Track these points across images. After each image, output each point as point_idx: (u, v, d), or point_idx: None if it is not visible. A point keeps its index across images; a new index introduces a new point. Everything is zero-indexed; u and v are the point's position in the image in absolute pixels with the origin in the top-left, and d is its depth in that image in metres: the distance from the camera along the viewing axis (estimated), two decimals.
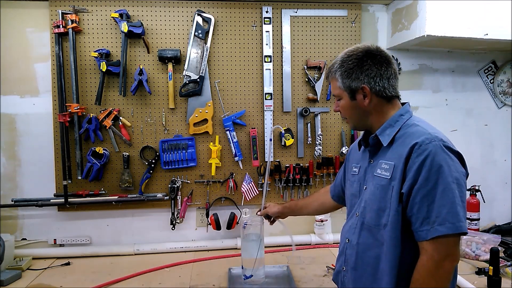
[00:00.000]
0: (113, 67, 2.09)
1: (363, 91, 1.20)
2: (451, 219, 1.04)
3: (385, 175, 1.17)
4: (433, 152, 1.07)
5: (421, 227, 1.07)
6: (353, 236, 1.26)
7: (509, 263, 1.93)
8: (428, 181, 1.06)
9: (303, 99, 2.30)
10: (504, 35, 2.02)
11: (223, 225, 2.24)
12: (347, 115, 1.27)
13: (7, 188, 2.17)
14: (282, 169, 2.29)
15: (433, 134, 1.10)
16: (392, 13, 2.31)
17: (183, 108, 2.22)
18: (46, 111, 2.15)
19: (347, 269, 1.29)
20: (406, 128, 1.18)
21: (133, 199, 2.18)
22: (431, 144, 1.08)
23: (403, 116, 1.21)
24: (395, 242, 1.12)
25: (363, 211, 1.24)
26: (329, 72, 1.28)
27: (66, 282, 1.86)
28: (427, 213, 1.06)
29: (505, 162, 2.57)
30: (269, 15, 2.22)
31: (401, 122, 1.20)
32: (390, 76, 1.20)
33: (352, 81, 1.20)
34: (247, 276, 1.78)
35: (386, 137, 1.20)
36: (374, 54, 1.19)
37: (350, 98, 1.23)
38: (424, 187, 1.07)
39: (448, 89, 2.48)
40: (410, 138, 1.13)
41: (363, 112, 1.23)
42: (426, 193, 1.06)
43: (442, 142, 1.08)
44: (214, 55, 2.22)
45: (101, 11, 2.13)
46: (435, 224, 1.05)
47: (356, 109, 1.24)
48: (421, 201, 1.07)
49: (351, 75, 1.20)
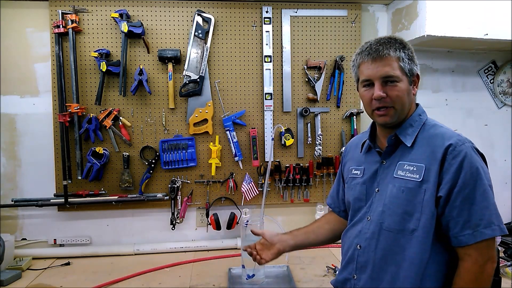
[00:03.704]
0: (113, 67, 2.09)
1: (418, 79, 1.17)
2: (496, 221, 1.04)
3: (413, 177, 1.10)
4: (468, 154, 1.06)
5: (462, 231, 1.04)
6: (367, 242, 1.17)
7: (509, 263, 1.93)
8: (468, 184, 1.04)
9: (303, 99, 2.30)
10: (504, 35, 2.03)
11: (223, 225, 2.24)
12: (401, 102, 1.13)
13: (7, 188, 2.17)
14: (282, 169, 2.29)
15: (462, 136, 1.10)
16: (392, 13, 2.31)
17: (183, 108, 2.22)
18: (46, 111, 2.15)
19: (359, 278, 1.19)
20: (428, 128, 1.16)
21: (133, 199, 2.18)
22: (465, 146, 1.06)
23: (421, 116, 1.19)
24: (425, 248, 1.07)
25: (382, 215, 1.15)
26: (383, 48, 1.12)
27: (66, 282, 1.86)
28: (468, 217, 1.03)
29: (505, 162, 2.57)
30: (269, 15, 2.22)
31: (420, 122, 1.17)
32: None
33: (415, 66, 1.16)
34: (249, 276, 1.78)
35: (408, 138, 1.16)
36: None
37: (409, 83, 1.15)
38: (464, 189, 1.04)
39: (448, 89, 2.48)
40: (439, 140, 1.10)
41: (410, 101, 1.17)
42: (466, 196, 1.04)
43: (471, 144, 1.09)
44: (214, 55, 2.22)
45: (101, 11, 2.13)
46: (479, 227, 1.03)
47: (410, 96, 1.16)
48: (461, 205, 1.04)
49: (414, 59, 1.16)
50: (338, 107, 2.32)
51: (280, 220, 2.36)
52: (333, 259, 2.09)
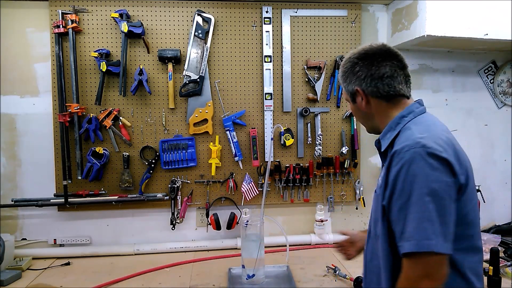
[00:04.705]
0: (113, 67, 2.09)
1: (358, 94, 1.17)
2: (416, 235, 0.95)
3: (380, 183, 1.11)
4: (409, 160, 0.97)
5: (399, 241, 1.00)
6: (365, 246, 1.25)
7: (509, 263, 1.93)
8: (403, 193, 0.98)
9: (303, 99, 2.30)
10: (504, 35, 2.02)
11: (223, 225, 2.24)
12: (356, 118, 1.25)
13: (7, 188, 2.17)
14: (282, 169, 2.28)
15: (416, 140, 1.00)
16: (392, 13, 2.31)
17: (183, 108, 2.22)
18: (46, 111, 2.15)
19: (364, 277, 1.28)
20: (403, 131, 1.10)
21: (133, 199, 2.18)
22: (410, 152, 0.98)
23: (405, 117, 1.13)
24: (386, 254, 1.07)
25: (370, 221, 1.23)
26: None
27: (66, 282, 1.87)
28: (402, 227, 0.98)
29: (505, 162, 2.57)
30: (269, 15, 2.22)
31: (402, 124, 1.12)
32: (384, 75, 1.12)
33: (348, 85, 1.19)
34: (249, 276, 1.79)
35: (386, 141, 1.14)
36: (368, 54, 1.14)
37: (352, 101, 1.21)
38: (399, 199, 0.99)
39: (448, 89, 2.48)
40: (396, 144, 1.06)
41: (365, 114, 1.20)
42: (401, 206, 0.99)
43: (425, 148, 0.97)
44: (214, 55, 2.22)
45: (101, 11, 2.13)
46: (404, 240, 0.97)
47: (359, 111, 1.21)
48: (398, 214, 1.00)
49: (346, 78, 1.19)
50: (338, 107, 2.32)
51: (280, 220, 2.36)
52: (333, 259, 2.09)
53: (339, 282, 1.83)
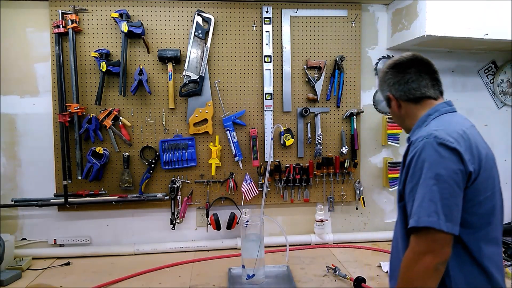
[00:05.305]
0: (113, 67, 2.09)
1: (390, 99, 1.31)
2: (418, 212, 1.06)
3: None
4: (420, 148, 1.10)
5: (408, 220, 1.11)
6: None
7: (509, 263, 1.93)
8: (413, 177, 1.10)
9: (303, 99, 2.30)
10: (504, 35, 2.02)
11: (223, 225, 2.24)
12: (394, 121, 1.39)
13: (7, 188, 2.17)
14: (282, 169, 2.28)
15: (430, 132, 1.11)
16: (392, 13, 2.31)
17: (183, 108, 2.22)
18: (46, 111, 2.15)
19: None
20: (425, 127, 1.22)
21: (133, 199, 2.18)
22: (422, 141, 1.10)
23: (430, 115, 1.24)
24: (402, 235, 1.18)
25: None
26: None
27: (66, 282, 1.87)
28: (411, 208, 1.09)
29: (505, 162, 2.57)
30: (269, 15, 2.22)
31: (427, 121, 1.23)
32: (409, 80, 1.25)
33: (383, 92, 1.34)
34: (249, 276, 1.79)
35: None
36: (397, 64, 1.29)
37: (388, 106, 1.35)
38: (410, 182, 1.11)
39: (448, 89, 2.46)
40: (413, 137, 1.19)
41: (399, 116, 1.33)
42: (411, 188, 1.10)
43: (436, 138, 1.09)
44: (214, 55, 2.22)
45: (101, 11, 2.13)
46: (410, 217, 1.09)
47: (395, 115, 1.35)
48: (408, 196, 1.12)
49: (381, 87, 1.35)
50: (338, 107, 2.32)
51: (280, 220, 2.36)
52: (333, 259, 2.09)
53: (339, 282, 1.83)
